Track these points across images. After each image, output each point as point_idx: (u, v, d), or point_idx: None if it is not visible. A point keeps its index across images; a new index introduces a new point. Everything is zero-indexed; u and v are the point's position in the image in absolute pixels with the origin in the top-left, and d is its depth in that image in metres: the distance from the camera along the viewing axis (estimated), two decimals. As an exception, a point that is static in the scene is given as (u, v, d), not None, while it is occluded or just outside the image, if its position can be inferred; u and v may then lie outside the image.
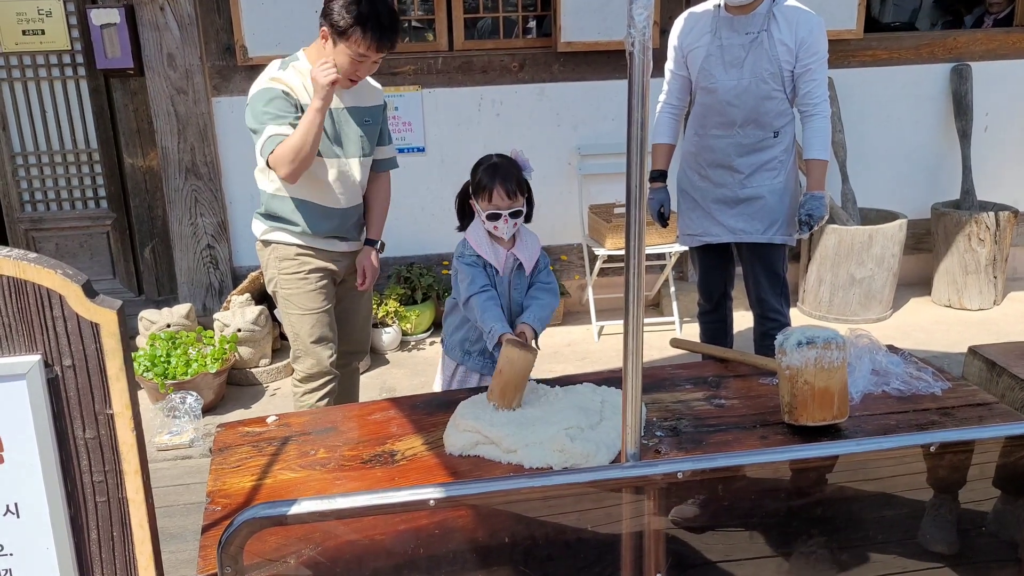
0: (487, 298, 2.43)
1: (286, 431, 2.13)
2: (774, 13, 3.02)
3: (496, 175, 2.44)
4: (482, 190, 2.45)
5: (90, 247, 4.67)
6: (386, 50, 2.61)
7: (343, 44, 2.56)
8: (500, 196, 2.43)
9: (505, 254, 2.52)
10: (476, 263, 2.48)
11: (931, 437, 1.57)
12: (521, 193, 2.47)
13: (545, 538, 1.59)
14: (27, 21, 4.30)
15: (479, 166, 2.52)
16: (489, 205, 2.44)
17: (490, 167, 2.47)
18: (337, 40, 2.57)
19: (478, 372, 2.61)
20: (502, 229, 2.46)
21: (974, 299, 4.84)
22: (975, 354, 2.92)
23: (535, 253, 2.58)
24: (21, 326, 1.34)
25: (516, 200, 2.45)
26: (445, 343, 2.70)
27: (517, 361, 2.10)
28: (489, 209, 2.45)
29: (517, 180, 2.46)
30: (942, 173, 5.07)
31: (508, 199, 2.43)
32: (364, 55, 2.58)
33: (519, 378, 2.11)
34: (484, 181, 2.45)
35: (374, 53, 2.59)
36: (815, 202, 3.09)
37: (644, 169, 1.37)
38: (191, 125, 4.30)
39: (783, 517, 1.77)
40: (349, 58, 2.58)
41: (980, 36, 4.98)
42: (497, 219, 2.45)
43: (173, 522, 2.97)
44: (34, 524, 1.41)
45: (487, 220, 2.46)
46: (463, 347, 2.62)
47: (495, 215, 2.45)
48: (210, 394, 3.81)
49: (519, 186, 2.46)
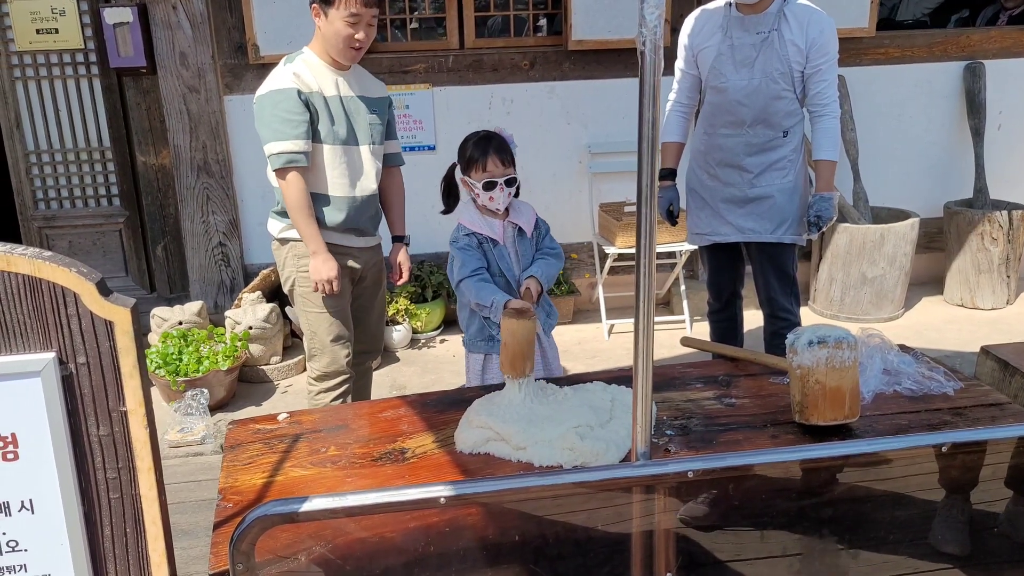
0: (479, 279, 2.48)
1: (297, 428, 2.14)
2: (785, 13, 3.01)
3: (489, 145, 2.53)
4: (474, 163, 2.52)
5: (103, 245, 4.70)
6: (374, 5, 2.64)
7: (333, 11, 2.61)
8: (495, 164, 2.51)
9: (501, 224, 2.57)
10: (469, 245, 2.53)
11: (943, 437, 1.56)
12: (512, 163, 2.55)
13: (555, 536, 1.59)
14: (41, 20, 4.33)
15: (467, 142, 2.59)
16: (484, 174, 2.51)
17: (480, 140, 2.56)
18: (327, 9, 2.63)
19: None
20: (498, 199, 2.52)
21: (987, 298, 4.81)
22: (988, 354, 2.90)
23: (532, 217, 2.64)
24: (36, 324, 1.35)
25: (510, 168, 2.53)
26: (466, 340, 2.70)
27: (518, 330, 2.12)
28: (485, 178, 2.51)
29: (508, 152, 2.55)
30: (955, 172, 5.05)
31: (503, 166, 2.51)
32: (356, 14, 2.61)
33: (524, 346, 2.12)
34: (476, 154, 2.53)
35: (363, 9, 2.62)
36: (824, 203, 3.08)
37: (655, 168, 1.36)
38: (203, 123, 4.32)
39: (794, 517, 1.77)
40: (345, 23, 2.62)
41: (994, 34, 4.95)
42: (493, 187, 2.51)
43: (184, 518, 2.98)
44: (49, 520, 1.42)
45: (483, 191, 2.51)
46: (484, 335, 2.63)
47: (491, 183, 2.50)
48: (221, 391, 3.83)
49: (510, 156, 2.55)
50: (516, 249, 2.59)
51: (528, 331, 2.13)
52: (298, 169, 2.66)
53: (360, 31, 2.65)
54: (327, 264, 2.71)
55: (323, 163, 2.71)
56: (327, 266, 2.71)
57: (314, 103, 2.67)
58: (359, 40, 2.67)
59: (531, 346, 2.15)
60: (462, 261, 2.50)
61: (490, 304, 2.40)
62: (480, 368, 2.68)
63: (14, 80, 4.42)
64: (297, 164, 2.65)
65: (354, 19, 2.61)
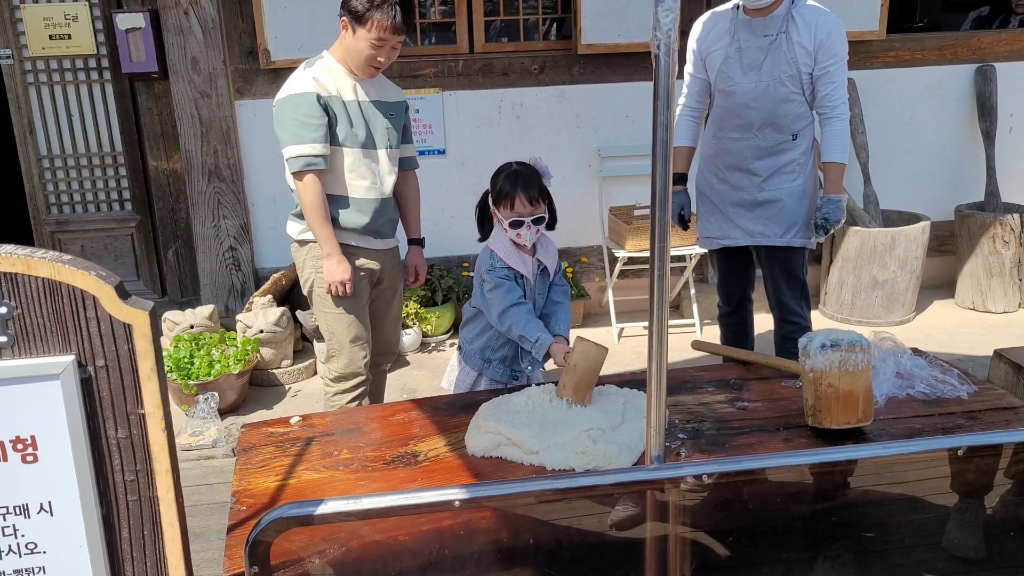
0: (527, 311, 2.47)
1: (310, 432, 2.14)
2: (793, 15, 3.01)
3: (518, 182, 2.47)
4: (504, 197, 2.48)
5: (115, 249, 4.72)
6: (402, 33, 2.69)
7: (362, 30, 2.65)
8: (522, 203, 2.46)
9: (531, 261, 2.55)
10: (508, 275, 2.50)
11: (958, 441, 1.55)
12: (542, 199, 2.50)
13: (569, 540, 1.59)
14: (54, 26, 4.36)
15: (499, 174, 2.54)
16: (512, 212, 2.47)
17: (511, 175, 2.50)
18: (356, 27, 2.66)
19: (501, 382, 2.62)
20: (525, 236, 2.49)
21: (998, 302, 4.79)
22: (1001, 357, 2.89)
23: (555, 258, 2.63)
24: (55, 327, 1.36)
25: (538, 207, 2.48)
26: (463, 350, 2.71)
27: (592, 355, 2.10)
28: (512, 216, 2.47)
29: (539, 187, 2.49)
30: (966, 175, 5.03)
31: (530, 206, 2.46)
32: (383, 39, 2.66)
33: (593, 373, 2.11)
34: (506, 188, 2.48)
35: (391, 36, 2.66)
36: (832, 206, 3.07)
37: (669, 171, 1.37)
38: (214, 128, 4.34)
39: (807, 520, 1.76)
40: (369, 43, 2.66)
41: (1005, 36, 4.94)
42: (520, 226, 2.47)
43: (197, 521, 2.99)
44: (67, 522, 1.43)
45: (510, 228, 2.48)
46: (483, 355, 2.63)
47: (518, 222, 2.47)
48: (232, 395, 3.84)
49: (540, 193, 2.49)
50: (536, 287, 2.59)
51: (600, 359, 2.11)
52: (316, 172, 2.68)
53: (383, 55, 2.71)
54: (341, 266, 2.73)
55: (342, 166, 2.75)
56: (340, 268, 2.73)
57: (333, 107, 2.70)
58: (381, 61, 2.73)
59: (597, 375, 2.14)
60: (506, 289, 2.48)
61: (535, 340, 2.40)
62: (471, 382, 2.68)
63: (27, 85, 4.45)
64: (315, 167, 2.68)
65: (380, 43, 2.67)
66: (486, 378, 2.65)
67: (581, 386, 2.10)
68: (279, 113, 2.73)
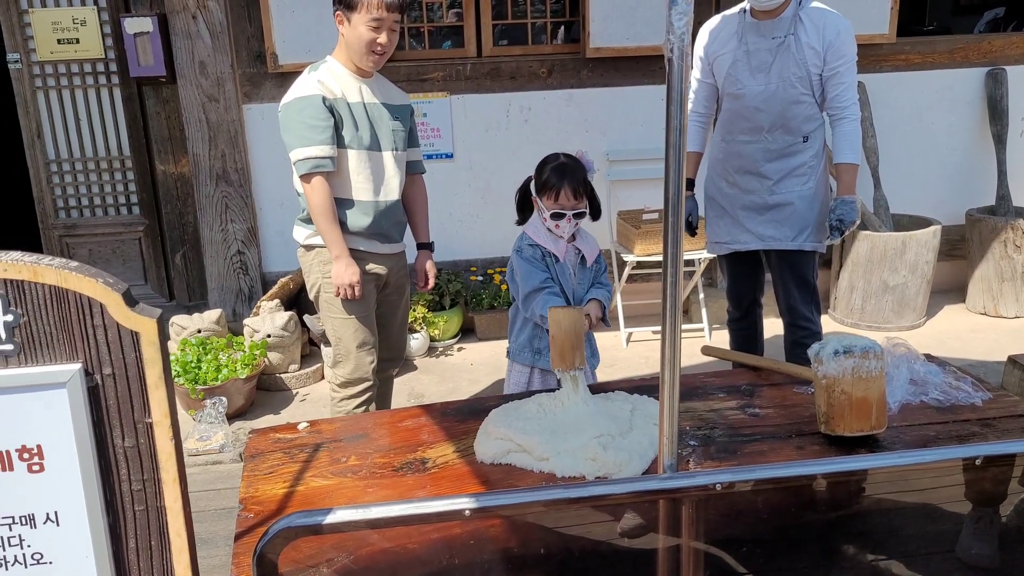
0: (549, 292, 2.45)
1: (317, 438, 2.13)
2: (800, 16, 2.99)
3: (564, 175, 2.48)
4: (549, 188, 2.49)
5: (122, 253, 4.73)
6: (396, 11, 2.67)
7: (356, 16, 2.65)
8: (567, 196, 2.47)
9: (566, 245, 2.55)
10: (534, 256, 2.51)
11: (974, 450, 1.53)
12: (585, 194, 2.51)
13: (580, 549, 1.58)
14: (62, 30, 4.37)
15: (546, 164, 2.54)
16: (555, 204, 2.48)
17: (559, 167, 2.50)
18: (350, 15, 2.66)
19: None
20: (564, 228, 2.50)
21: (1010, 306, 4.75)
22: (1015, 364, 2.86)
23: (596, 249, 2.62)
24: (62, 334, 1.35)
25: (580, 201, 2.50)
26: (511, 350, 2.69)
27: (563, 320, 2.09)
28: (554, 208, 2.48)
29: (583, 181, 2.50)
30: (977, 179, 4.99)
31: (574, 199, 2.48)
32: (379, 19, 2.65)
33: (572, 337, 2.10)
34: (552, 180, 2.48)
35: (386, 14, 2.65)
36: (846, 207, 3.04)
37: (683, 176, 1.35)
38: (222, 132, 4.34)
39: (820, 529, 1.74)
40: (366, 26, 2.65)
41: (1016, 40, 4.90)
42: (561, 218, 2.49)
43: (204, 527, 2.98)
44: (73, 532, 1.42)
45: (550, 219, 2.49)
46: (532, 346, 2.62)
47: (559, 214, 2.48)
48: (240, 399, 3.83)
49: (584, 187, 2.50)
50: (575, 273, 2.58)
51: (574, 321, 2.10)
52: (323, 174, 2.67)
53: (382, 35, 2.69)
54: (349, 269, 2.72)
55: (347, 168, 2.74)
56: (349, 271, 2.72)
57: (338, 109, 2.70)
58: (381, 44, 2.70)
59: (579, 337, 2.12)
60: (529, 271, 2.48)
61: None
62: (525, 380, 2.65)
63: (35, 89, 4.46)
64: (322, 169, 2.67)
65: (376, 23, 2.65)
66: (539, 371, 2.62)
67: (565, 352, 2.09)
68: (285, 117, 2.72)
